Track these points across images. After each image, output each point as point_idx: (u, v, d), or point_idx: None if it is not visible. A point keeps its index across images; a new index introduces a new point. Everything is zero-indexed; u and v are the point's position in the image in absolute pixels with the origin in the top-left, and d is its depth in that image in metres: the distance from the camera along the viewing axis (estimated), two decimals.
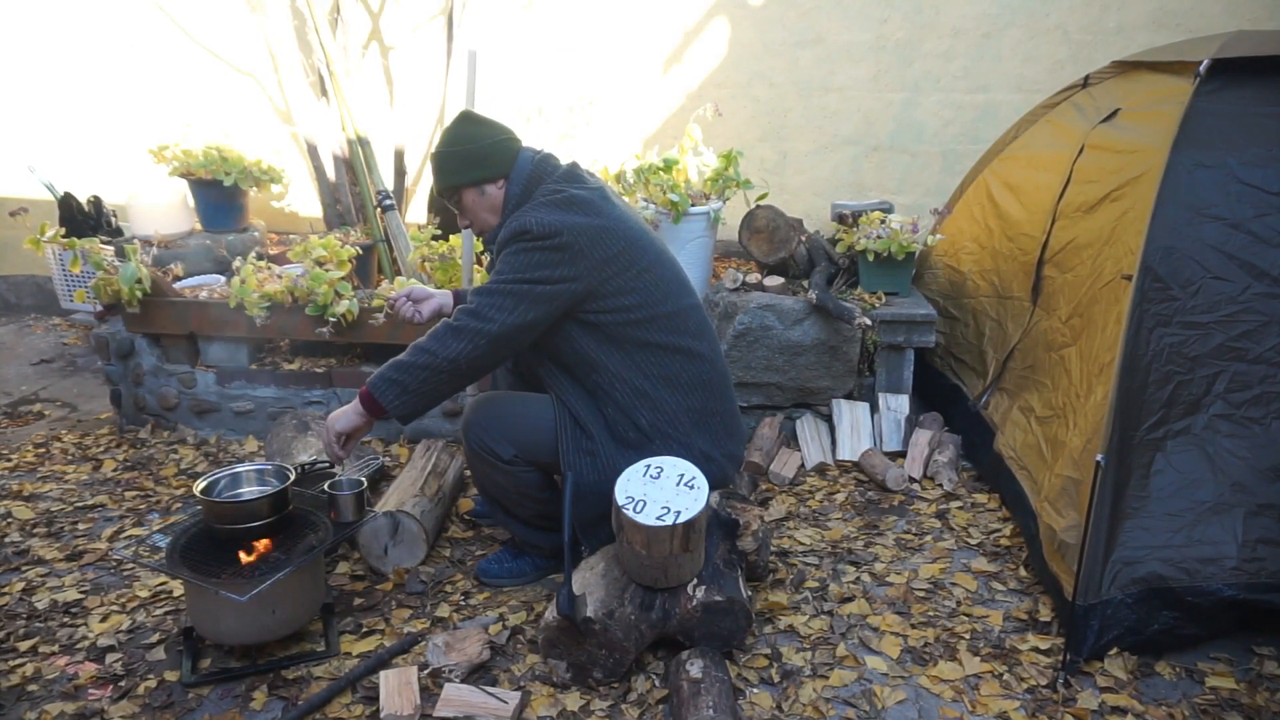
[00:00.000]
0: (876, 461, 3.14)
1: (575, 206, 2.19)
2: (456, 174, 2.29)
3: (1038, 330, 2.89)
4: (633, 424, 2.27)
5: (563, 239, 2.13)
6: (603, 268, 2.18)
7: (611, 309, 2.21)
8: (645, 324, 2.24)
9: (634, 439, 2.26)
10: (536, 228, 2.14)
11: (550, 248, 2.13)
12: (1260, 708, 2.01)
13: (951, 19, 4.36)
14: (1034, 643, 2.24)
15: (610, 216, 2.22)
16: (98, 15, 4.80)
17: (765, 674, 2.15)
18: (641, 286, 2.23)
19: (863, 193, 4.66)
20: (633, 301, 2.22)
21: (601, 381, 2.26)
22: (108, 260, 3.42)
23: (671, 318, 2.27)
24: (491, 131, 2.31)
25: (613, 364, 2.25)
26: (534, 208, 2.20)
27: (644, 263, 2.24)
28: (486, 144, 2.28)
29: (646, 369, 2.26)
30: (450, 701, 2.01)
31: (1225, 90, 2.47)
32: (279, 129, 4.84)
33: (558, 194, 2.22)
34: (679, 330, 2.28)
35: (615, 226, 2.21)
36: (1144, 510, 2.16)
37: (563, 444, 2.26)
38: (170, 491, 3.12)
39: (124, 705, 2.06)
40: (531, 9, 4.59)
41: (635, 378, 2.25)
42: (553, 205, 2.20)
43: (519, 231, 2.16)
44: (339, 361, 3.53)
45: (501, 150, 2.29)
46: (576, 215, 2.17)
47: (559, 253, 2.14)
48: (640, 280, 2.23)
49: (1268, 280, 2.21)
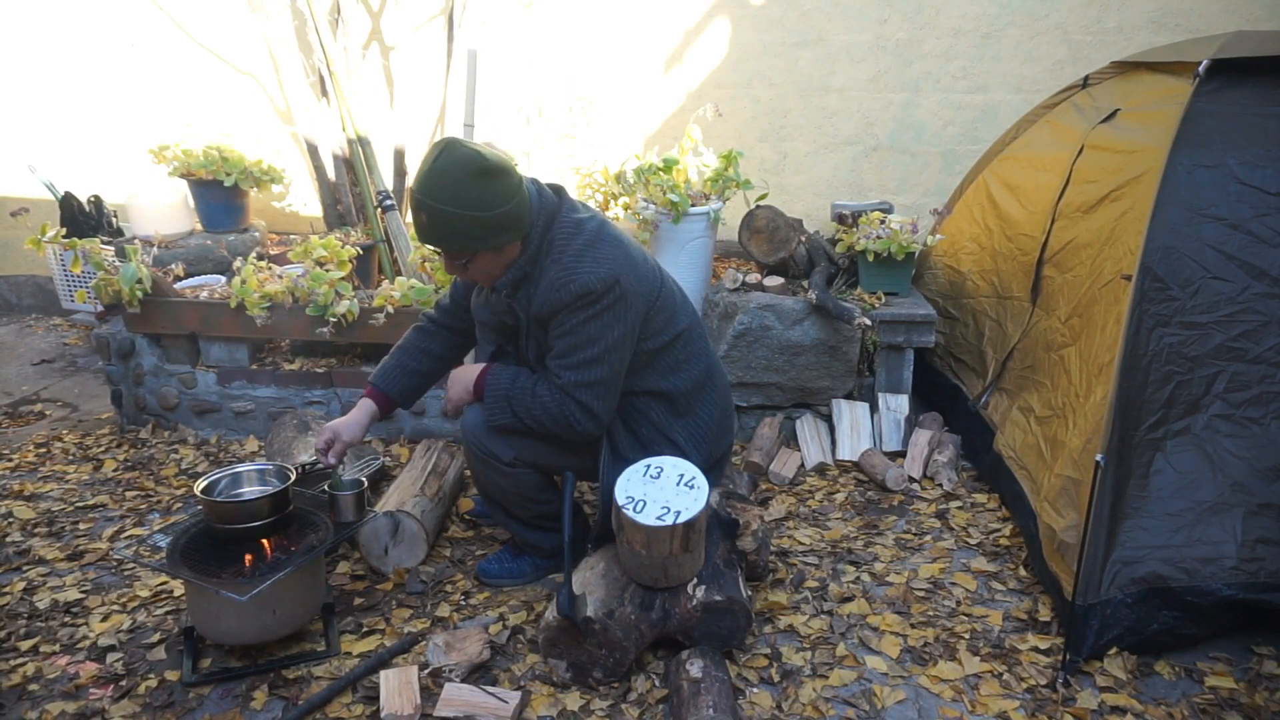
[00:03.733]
0: (876, 461, 3.14)
1: (604, 240, 2.15)
2: (476, 241, 2.05)
3: (1037, 330, 2.89)
4: (668, 440, 2.31)
5: (621, 288, 2.09)
6: (648, 298, 2.20)
7: (646, 335, 2.22)
8: (672, 345, 2.28)
9: (670, 452, 2.29)
10: (598, 285, 2.06)
11: (614, 301, 2.08)
12: (1260, 707, 2.01)
13: (951, 19, 4.36)
14: (1034, 642, 2.24)
15: (626, 242, 2.23)
16: (98, 15, 4.80)
17: (765, 674, 2.16)
18: (664, 309, 2.26)
19: (863, 193, 4.67)
20: (661, 323, 2.24)
21: (637, 404, 2.30)
22: (108, 260, 3.42)
23: (688, 332, 2.32)
24: (513, 187, 2.05)
25: (649, 386, 2.28)
26: (575, 260, 2.08)
27: (664, 285, 2.29)
28: (512, 206, 2.04)
29: (680, 385, 2.30)
30: (450, 701, 2.01)
31: (1225, 90, 2.47)
32: (279, 129, 4.84)
33: (580, 233, 2.14)
34: (695, 341, 2.34)
35: (636, 252, 2.23)
36: (1143, 510, 2.17)
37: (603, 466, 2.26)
38: (171, 491, 3.12)
39: (124, 705, 2.06)
40: (532, 9, 4.59)
41: (671, 396, 2.30)
42: (588, 249, 2.11)
43: (581, 294, 2.06)
44: (339, 361, 3.54)
45: (525, 207, 2.09)
46: (614, 251, 2.13)
47: (622, 303, 2.10)
48: (662, 303, 2.26)
49: (1267, 280, 2.21)
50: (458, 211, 1.99)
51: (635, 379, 2.26)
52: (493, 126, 4.61)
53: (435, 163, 2.00)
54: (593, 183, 3.95)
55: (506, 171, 2.04)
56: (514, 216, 2.06)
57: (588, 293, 2.06)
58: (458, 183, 1.98)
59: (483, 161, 1.99)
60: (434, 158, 2.00)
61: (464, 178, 1.98)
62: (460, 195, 1.98)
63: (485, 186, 2.00)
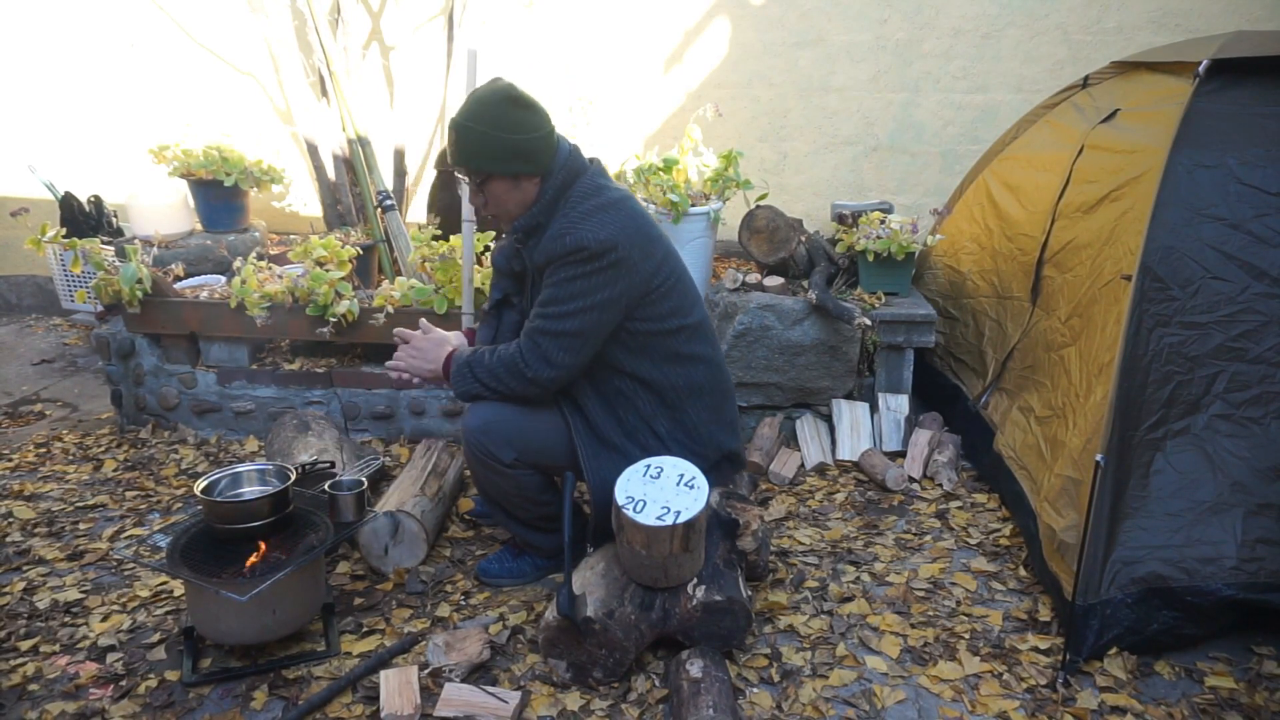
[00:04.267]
0: (876, 461, 3.14)
1: (619, 209, 2.15)
2: (493, 161, 2.13)
3: (1037, 330, 2.89)
4: (651, 430, 2.29)
5: (618, 254, 2.09)
6: (649, 279, 2.18)
7: (647, 317, 2.21)
8: (675, 334, 2.26)
9: (653, 445, 2.28)
10: (594, 244, 2.07)
11: (607, 265, 2.09)
12: (1259, 707, 2.01)
13: (951, 19, 4.36)
14: (1034, 642, 2.24)
15: (648, 220, 2.23)
16: (98, 15, 4.80)
17: (765, 674, 2.16)
18: (675, 296, 2.24)
19: (863, 193, 4.67)
20: (667, 309, 2.23)
21: (624, 388, 2.28)
22: (108, 260, 3.42)
23: (695, 328, 2.30)
24: (539, 121, 2.14)
25: (642, 373, 2.26)
26: (582, 217, 2.11)
27: (677, 272, 2.27)
28: (537, 136, 2.13)
29: (673, 379, 2.28)
30: (450, 701, 2.01)
31: (1225, 90, 2.47)
32: (279, 129, 4.84)
33: (598, 196, 2.16)
34: (699, 339, 2.31)
35: (654, 233, 2.22)
36: (1143, 510, 2.17)
37: (581, 450, 2.26)
38: (171, 491, 3.12)
39: (125, 705, 2.06)
40: (532, 9, 4.59)
41: (661, 388, 2.28)
42: (599, 211, 2.12)
43: (575, 249, 2.08)
44: (339, 361, 3.53)
45: (548, 145, 2.15)
46: (624, 221, 2.13)
47: (615, 269, 2.10)
48: (675, 290, 2.24)
49: (1267, 280, 2.21)
50: (480, 129, 2.11)
51: (629, 358, 2.24)
52: None
53: (475, 91, 2.17)
54: None
55: (535, 108, 2.15)
56: (533, 148, 2.13)
57: (581, 248, 2.08)
58: (487, 104, 2.12)
59: (514, 92, 2.13)
60: (477, 89, 2.18)
61: (494, 101, 2.12)
62: (485, 114, 2.11)
63: (510, 112, 2.11)
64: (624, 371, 2.26)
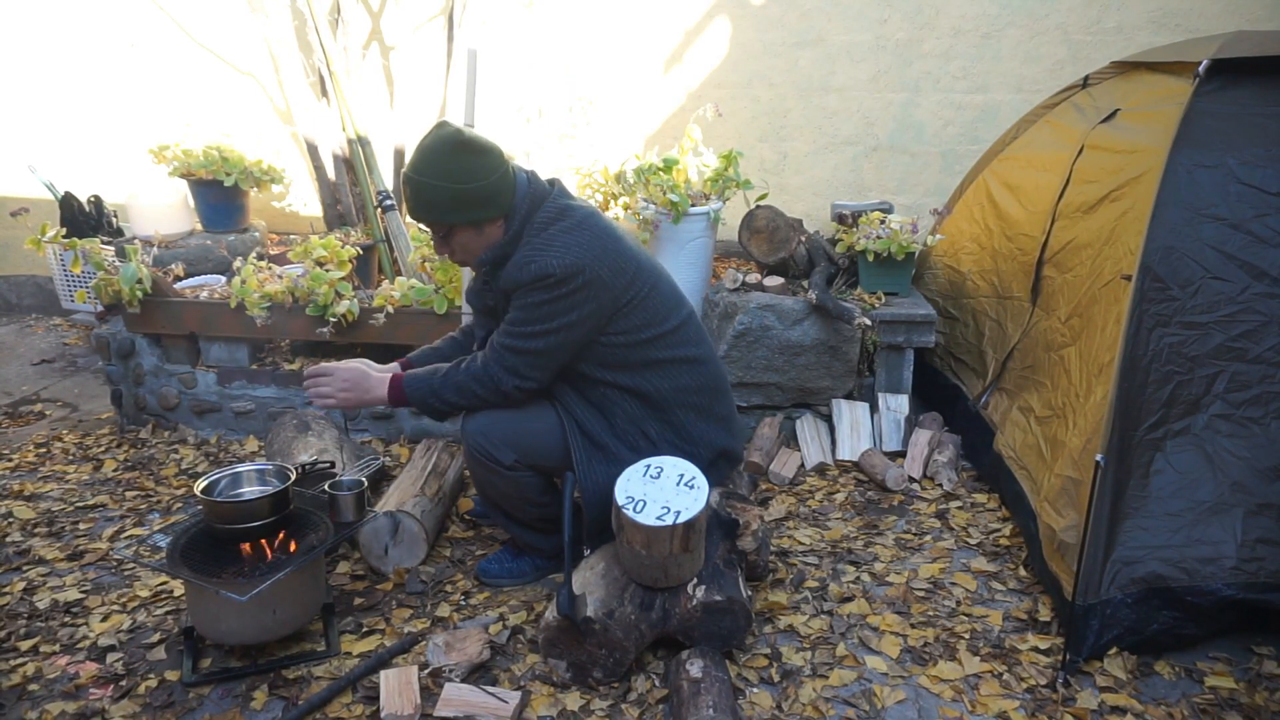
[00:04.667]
0: (876, 461, 3.14)
1: (584, 230, 2.14)
2: (454, 213, 2.12)
3: (1037, 330, 2.89)
4: (642, 433, 2.30)
5: (585, 277, 2.08)
6: (620, 295, 2.18)
7: (621, 330, 2.21)
8: (651, 344, 2.25)
9: (644, 446, 2.28)
10: (559, 270, 2.06)
11: (575, 289, 2.09)
12: (1259, 707, 2.01)
13: (951, 19, 4.36)
14: (1034, 642, 2.24)
15: (615, 236, 2.22)
16: (98, 15, 4.80)
17: (765, 674, 2.16)
18: (649, 306, 2.24)
19: (863, 193, 4.67)
20: (640, 321, 2.22)
21: (609, 395, 2.29)
22: (108, 260, 3.42)
23: (674, 333, 2.29)
24: (494, 163, 2.11)
25: (622, 382, 2.27)
26: (545, 244, 2.11)
27: (651, 282, 2.26)
28: (491, 181, 2.10)
29: (655, 384, 2.28)
30: (450, 701, 2.01)
31: (1225, 90, 2.47)
32: (279, 129, 4.84)
33: (562, 219, 2.15)
34: (681, 343, 2.30)
35: (624, 247, 2.21)
36: (1143, 510, 2.17)
37: (575, 453, 2.26)
38: (171, 491, 3.12)
39: (125, 705, 2.06)
40: (532, 9, 4.59)
41: (644, 393, 2.28)
42: (563, 234, 2.12)
43: (540, 276, 2.08)
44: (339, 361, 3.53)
45: (505, 184, 2.13)
46: (589, 242, 2.12)
47: (583, 292, 2.10)
48: (649, 300, 2.24)
49: (1267, 280, 2.21)
50: (434, 183, 2.08)
51: (605, 371, 2.25)
52: (493, 126, 4.61)
53: (423, 140, 2.13)
54: (593, 183, 3.95)
55: (486, 149, 2.11)
56: (490, 193, 2.11)
57: (546, 276, 2.08)
58: (437, 156, 2.08)
59: (462, 138, 2.09)
60: (424, 136, 2.13)
61: (443, 151, 2.08)
62: (437, 167, 2.08)
63: (462, 160, 2.08)
64: (604, 382, 2.27)
